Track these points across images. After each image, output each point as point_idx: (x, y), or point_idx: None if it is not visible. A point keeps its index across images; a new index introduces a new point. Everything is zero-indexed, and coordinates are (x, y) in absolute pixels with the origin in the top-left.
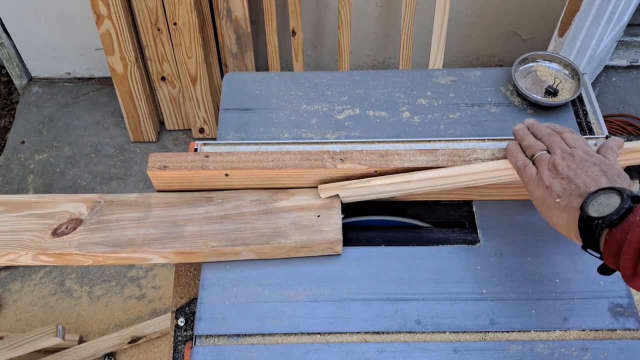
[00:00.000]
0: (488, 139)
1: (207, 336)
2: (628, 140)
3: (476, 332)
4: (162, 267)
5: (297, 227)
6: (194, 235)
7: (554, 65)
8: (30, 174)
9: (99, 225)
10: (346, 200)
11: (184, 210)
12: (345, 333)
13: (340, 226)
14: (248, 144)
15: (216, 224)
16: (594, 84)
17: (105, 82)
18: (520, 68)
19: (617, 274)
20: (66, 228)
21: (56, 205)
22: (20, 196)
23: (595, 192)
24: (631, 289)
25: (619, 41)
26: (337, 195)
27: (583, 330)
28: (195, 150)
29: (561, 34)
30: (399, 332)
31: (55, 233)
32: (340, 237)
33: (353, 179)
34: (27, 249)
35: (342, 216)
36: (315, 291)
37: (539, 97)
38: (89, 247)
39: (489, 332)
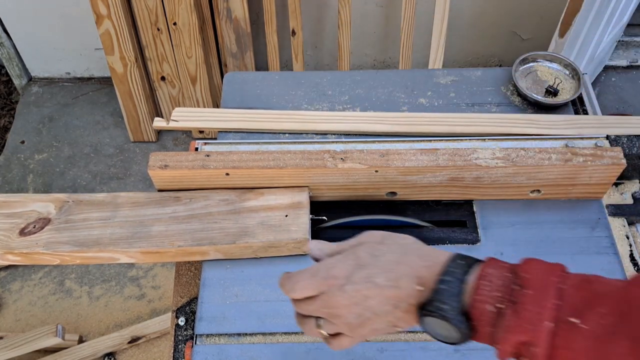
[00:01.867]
0: (488, 139)
1: (207, 335)
2: (629, 139)
3: None
4: (162, 267)
5: (265, 226)
6: (161, 235)
7: (554, 65)
8: (30, 174)
9: (66, 225)
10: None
11: (152, 210)
12: None
13: (307, 226)
14: (249, 143)
15: (183, 223)
16: (593, 84)
17: (105, 82)
18: (521, 68)
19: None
20: (34, 227)
21: (25, 204)
22: None
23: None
24: None
25: (619, 41)
26: (306, 196)
27: None
28: (196, 149)
29: (562, 35)
30: (399, 332)
31: (22, 232)
32: (308, 236)
33: (354, 178)
34: None
35: (314, 217)
36: None
37: (539, 97)
38: (55, 246)
39: None
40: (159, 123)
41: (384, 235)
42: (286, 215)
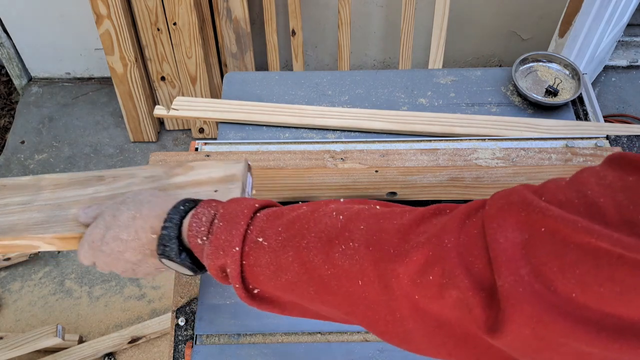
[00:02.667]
0: (488, 139)
1: (207, 335)
2: (629, 139)
3: None
4: None
5: None
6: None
7: (554, 65)
8: (30, 174)
9: None
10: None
11: (72, 191)
12: (345, 332)
13: None
14: (249, 143)
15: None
16: (593, 84)
17: (105, 82)
18: (521, 68)
19: None
20: None
21: None
22: None
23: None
24: None
25: (619, 41)
26: (241, 167)
27: None
28: (196, 149)
29: (562, 35)
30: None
31: None
32: None
33: (354, 178)
34: None
35: (251, 191)
36: None
37: (539, 97)
38: None
39: None
40: (159, 111)
41: (127, 195)
42: (215, 191)
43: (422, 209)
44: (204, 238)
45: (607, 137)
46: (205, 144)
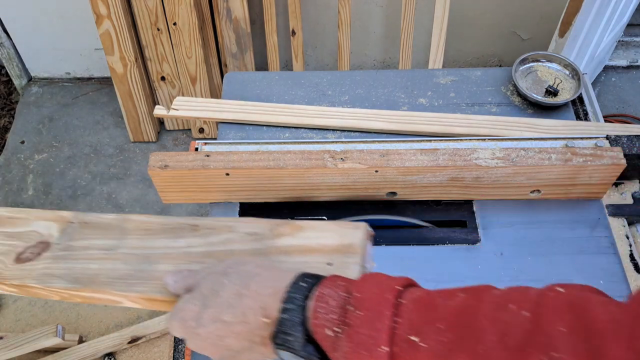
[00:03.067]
0: (488, 139)
1: None
2: (629, 139)
3: None
4: None
5: None
6: None
7: (554, 65)
8: (30, 174)
9: (65, 253)
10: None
11: (162, 241)
12: None
13: None
14: (249, 143)
15: (196, 262)
16: (593, 84)
17: (105, 82)
18: (521, 68)
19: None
20: (31, 253)
21: (27, 223)
22: None
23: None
24: (631, 287)
25: (619, 41)
26: (361, 235)
27: None
28: (196, 149)
29: (562, 35)
30: None
31: (19, 258)
32: None
33: (354, 178)
34: None
35: (373, 265)
36: None
37: (539, 97)
38: (49, 280)
39: None
40: (159, 111)
41: (228, 264)
42: (329, 264)
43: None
44: (337, 329)
45: (607, 137)
46: (205, 144)
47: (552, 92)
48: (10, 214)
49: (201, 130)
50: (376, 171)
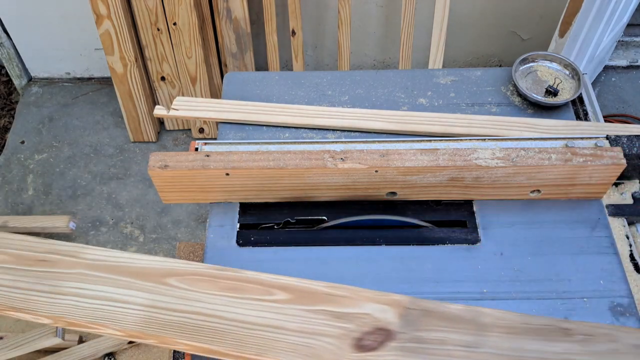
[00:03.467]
0: (488, 139)
1: None
2: (629, 139)
3: None
4: None
5: None
6: None
7: (554, 65)
8: (30, 174)
9: (416, 345)
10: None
11: (533, 343)
12: None
13: None
14: (249, 143)
15: None
16: (593, 84)
17: (105, 82)
18: (521, 68)
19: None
20: (372, 341)
21: (355, 303)
22: (308, 282)
23: None
24: (631, 287)
25: (619, 41)
26: None
27: None
28: (196, 149)
29: (562, 35)
30: None
31: (358, 346)
32: None
33: (354, 178)
34: None
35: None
36: None
37: (539, 97)
38: None
39: None
40: (159, 111)
41: None
42: None
43: None
44: None
45: (607, 137)
46: (205, 144)
47: (552, 92)
48: (330, 289)
49: (201, 130)
50: (376, 171)
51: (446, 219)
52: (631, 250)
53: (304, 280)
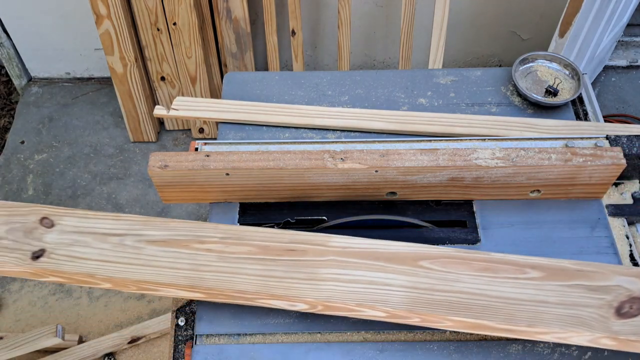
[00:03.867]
0: (488, 139)
1: (207, 335)
2: (629, 139)
3: None
4: None
5: None
6: None
7: (554, 65)
8: (30, 174)
9: None
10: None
11: None
12: (345, 332)
13: None
14: (249, 143)
15: None
16: (593, 84)
17: (105, 82)
18: (521, 68)
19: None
20: (630, 308)
21: (605, 277)
22: (557, 261)
23: None
24: None
25: (619, 41)
26: None
27: None
28: (196, 149)
29: (562, 35)
30: (400, 332)
31: (619, 314)
32: None
33: (354, 178)
34: (589, 328)
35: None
36: None
37: (539, 97)
38: None
39: None
40: (159, 111)
41: None
42: None
43: None
44: None
45: (607, 137)
46: (205, 144)
47: (552, 92)
48: (578, 266)
49: (201, 130)
50: (376, 171)
51: (446, 219)
52: (631, 250)
53: (552, 259)
